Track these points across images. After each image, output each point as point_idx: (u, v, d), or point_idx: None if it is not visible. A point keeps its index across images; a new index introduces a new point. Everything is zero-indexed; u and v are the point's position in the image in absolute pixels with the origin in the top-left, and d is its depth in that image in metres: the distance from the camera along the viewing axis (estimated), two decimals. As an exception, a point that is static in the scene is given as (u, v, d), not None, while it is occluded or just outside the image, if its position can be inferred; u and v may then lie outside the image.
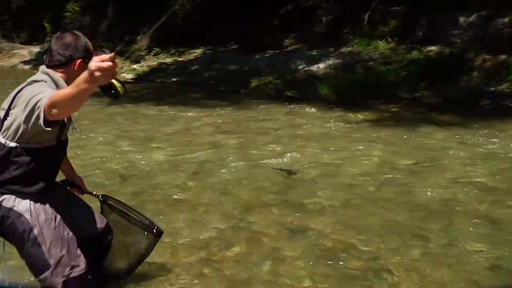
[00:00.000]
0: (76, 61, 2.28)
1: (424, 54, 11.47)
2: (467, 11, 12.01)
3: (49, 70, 2.28)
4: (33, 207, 2.28)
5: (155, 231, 2.72)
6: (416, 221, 3.99)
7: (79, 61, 2.28)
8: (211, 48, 16.87)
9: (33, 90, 2.10)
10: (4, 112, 2.23)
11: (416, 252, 3.46)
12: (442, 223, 3.95)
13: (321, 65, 12.53)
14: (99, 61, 1.71)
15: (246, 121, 8.45)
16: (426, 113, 8.86)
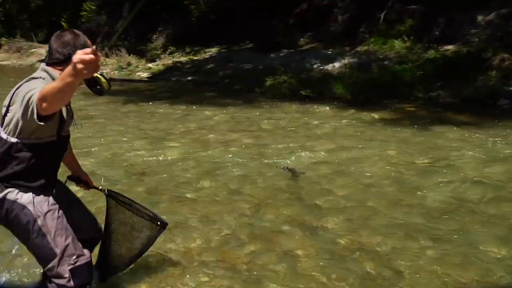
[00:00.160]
0: None
1: (441, 54, 11.34)
2: (485, 9, 11.85)
3: (48, 68, 2.32)
4: (35, 199, 2.34)
5: (159, 223, 2.78)
6: (431, 222, 3.95)
7: None
8: (226, 47, 16.90)
9: (29, 86, 2.16)
10: (5, 108, 2.30)
11: (431, 253, 3.42)
12: (457, 224, 3.91)
13: (336, 64, 12.47)
14: (82, 54, 1.74)
15: (261, 120, 8.44)
16: (441, 113, 8.76)
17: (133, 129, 7.79)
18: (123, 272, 2.98)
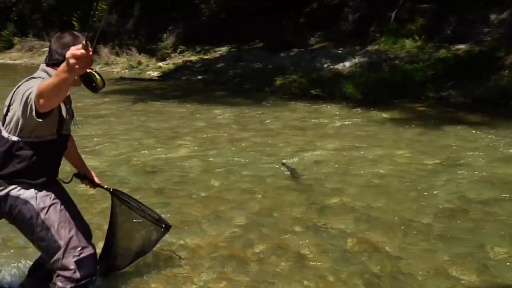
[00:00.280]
0: None
1: (452, 53, 11.25)
2: (498, 7, 11.72)
3: (48, 68, 2.36)
4: (38, 194, 2.37)
5: (163, 225, 2.81)
6: (442, 223, 3.92)
7: None
8: (236, 46, 16.92)
9: (28, 85, 2.21)
10: (6, 108, 2.34)
11: (442, 254, 3.39)
12: (468, 225, 3.87)
13: (347, 64, 12.43)
14: (74, 49, 1.81)
15: (270, 119, 8.44)
16: (453, 112, 8.69)
17: (142, 128, 7.82)
18: (131, 269, 3.00)
